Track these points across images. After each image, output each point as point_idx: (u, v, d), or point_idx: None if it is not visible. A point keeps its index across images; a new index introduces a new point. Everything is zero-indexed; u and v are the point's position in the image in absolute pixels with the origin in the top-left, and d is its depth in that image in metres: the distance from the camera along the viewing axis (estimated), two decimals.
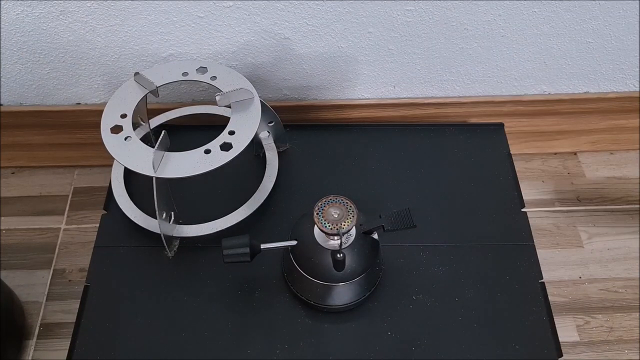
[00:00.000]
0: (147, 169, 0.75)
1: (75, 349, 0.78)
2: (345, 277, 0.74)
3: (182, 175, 0.75)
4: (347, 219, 0.70)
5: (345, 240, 0.73)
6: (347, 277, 0.74)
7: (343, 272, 0.73)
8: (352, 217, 0.70)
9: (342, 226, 0.69)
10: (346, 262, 0.71)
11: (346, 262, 0.71)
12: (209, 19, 0.91)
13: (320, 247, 0.73)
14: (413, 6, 0.91)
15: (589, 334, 1.00)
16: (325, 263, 0.73)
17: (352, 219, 0.70)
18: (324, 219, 0.70)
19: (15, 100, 1.05)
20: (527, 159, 1.21)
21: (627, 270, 1.07)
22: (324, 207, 0.71)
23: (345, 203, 0.71)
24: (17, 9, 0.89)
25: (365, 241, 0.75)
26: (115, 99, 0.82)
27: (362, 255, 0.75)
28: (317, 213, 0.70)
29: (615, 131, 1.18)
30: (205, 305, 0.81)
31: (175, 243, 0.86)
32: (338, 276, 0.74)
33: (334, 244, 0.72)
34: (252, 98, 0.81)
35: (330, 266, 0.72)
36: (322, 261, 0.73)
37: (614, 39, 0.99)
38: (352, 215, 0.70)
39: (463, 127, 1.01)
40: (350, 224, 0.70)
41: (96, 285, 0.83)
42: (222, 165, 0.75)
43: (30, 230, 1.11)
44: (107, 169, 0.92)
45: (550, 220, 1.13)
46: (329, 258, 0.72)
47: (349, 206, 0.71)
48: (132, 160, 0.76)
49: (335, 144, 0.98)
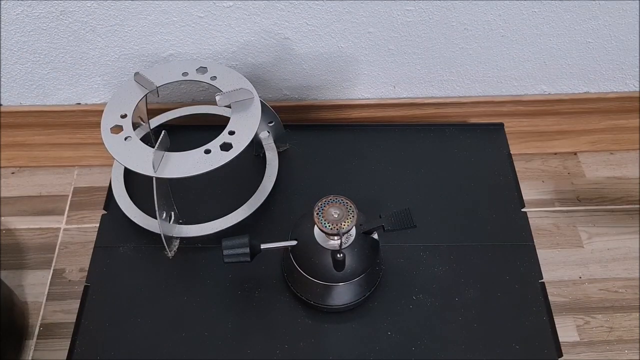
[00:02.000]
0: (147, 169, 0.75)
1: (75, 349, 0.78)
2: (345, 277, 0.74)
3: (182, 175, 0.75)
4: (347, 219, 0.70)
5: (345, 241, 0.73)
6: (347, 277, 0.74)
7: (343, 272, 0.73)
8: (352, 217, 0.70)
9: (342, 226, 0.69)
10: (346, 262, 0.71)
11: (346, 262, 0.71)
12: (209, 19, 0.91)
13: (320, 247, 0.73)
14: (413, 6, 0.91)
15: (589, 334, 1.00)
16: (326, 263, 0.73)
17: (352, 219, 0.70)
18: (324, 219, 0.70)
19: (15, 100, 1.05)
20: (527, 159, 1.21)
21: (627, 270, 1.07)
22: (324, 207, 0.71)
23: (345, 203, 0.71)
24: (17, 9, 0.89)
25: (365, 241, 0.75)
26: (115, 98, 0.82)
27: (362, 255, 0.75)
28: (317, 213, 0.70)
29: (615, 131, 1.18)
30: (205, 305, 0.81)
31: (175, 243, 0.86)
32: (338, 276, 0.73)
33: (334, 244, 0.72)
34: (252, 98, 0.81)
35: (331, 266, 0.72)
36: (322, 261, 0.73)
37: (614, 39, 0.99)
38: (352, 215, 0.70)
39: (463, 127, 1.01)
40: (350, 224, 0.70)
41: (96, 285, 0.83)
42: (222, 165, 0.75)
43: (30, 230, 1.11)
44: (107, 169, 0.92)
45: (550, 220, 1.13)
46: (329, 258, 0.72)
47: (349, 206, 0.71)
48: (132, 160, 0.76)
49: (335, 144, 0.98)
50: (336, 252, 0.71)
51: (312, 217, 0.71)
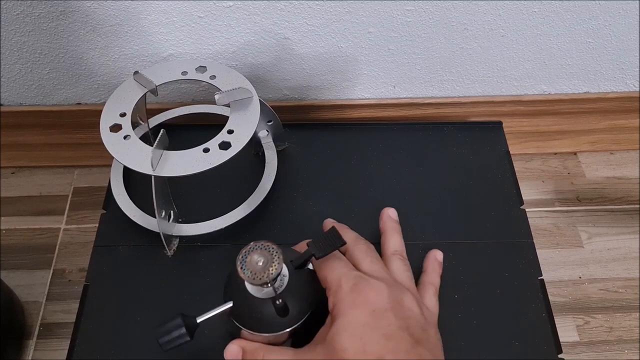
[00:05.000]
0: (146, 167, 0.75)
1: (75, 349, 0.77)
2: (294, 318, 0.69)
3: (181, 174, 0.75)
4: (273, 263, 0.64)
5: (281, 283, 0.68)
6: (296, 317, 0.69)
7: (290, 315, 0.68)
8: (277, 258, 0.64)
9: (270, 272, 0.64)
10: (289, 304, 0.67)
11: (289, 304, 0.67)
12: (209, 19, 0.92)
13: (258, 300, 0.67)
14: (413, 6, 0.91)
15: (589, 334, 1.00)
16: (269, 312, 0.67)
17: (279, 261, 0.64)
18: (249, 271, 0.64)
19: (15, 100, 1.05)
20: (527, 159, 1.21)
21: (627, 270, 1.07)
22: (246, 258, 0.65)
23: (266, 247, 0.66)
24: (17, 9, 0.89)
25: (302, 275, 0.70)
26: (114, 97, 0.82)
27: (303, 290, 0.70)
28: (241, 267, 0.65)
29: (615, 131, 1.18)
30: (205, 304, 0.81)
31: (175, 242, 0.86)
32: (286, 321, 0.68)
33: (269, 291, 0.67)
34: (251, 97, 0.81)
35: (275, 315, 0.67)
36: (265, 312, 0.68)
37: (614, 39, 0.99)
38: (277, 257, 0.65)
39: (461, 125, 1.01)
40: (277, 267, 0.64)
41: (96, 285, 0.83)
42: (221, 164, 0.75)
43: (30, 230, 1.11)
44: (107, 169, 0.92)
45: (550, 220, 1.13)
46: (271, 307, 0.67)
47: (271, 248, 0.65)
48: (131, 158, 0.76)
49: (334, 143, 0.98)
50: (275, 299, 0.66)
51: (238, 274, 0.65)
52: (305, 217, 0.89)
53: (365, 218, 0.88)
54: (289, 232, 0.87)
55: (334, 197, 0.91)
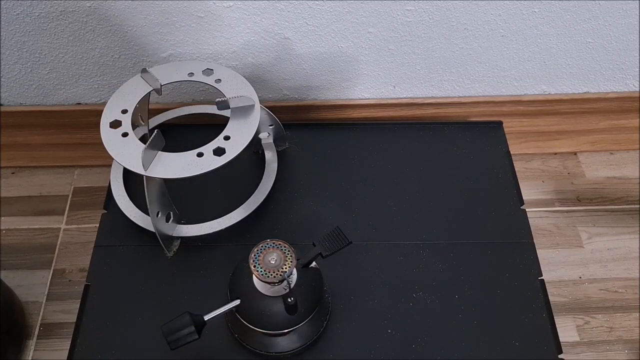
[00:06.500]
0: (138, 166, 0.74)
1: (75, 349, 0.78)
2: (300, 317, 0.71)
3: (172, 177, 0.74)
4: (287, 261, 0.65)
5: (291, 281, 0.69)
6: (302, 317, 0.71)
7: (297, 313, 0.69)
8: (290, 256, 0.66)
9: (284, 270, 0.65)
10: (298, 301, 0.68)
11: (298, 301, 0.68)
12: (209, 19, 0.92)
13: (267, 297, 0.69)
14: (413, 6, 0.91)
15: (589, 334, 1.00)
16: (277, 311, 0.69)
17: (292, 258, 0.66)
18: (263, 269, 0.65)
19: (15, 100, 1.05)
20: (527, 159, 1.21)
21: (627, 270, 1.07)
22: (259, 257, 0.66)
23: (278, 245, 0.67)
24: (17, 9, 0.89)
25: (309, 274, 0.71)
26: (119, 93, 0.82)
27: (311, 289, 0.71)
28: (254, 266, 0.66)
29: (615, 131, 1.18)
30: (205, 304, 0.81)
31: (176, 243, 0.86)
32: (293, 319, 0.70)
33: (279, 289, 0.68)
34: (253, 105, 0.81)
35: (283, 313, 0.68)
36: (274, 310, 0.69)
37: (614, 39, 0.99)
38: (291, 254, 0.66)
39: (462, 125, 1.01)
40: (291, 264, 0.65)
41: (96, 285, 0.83)
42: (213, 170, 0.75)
43: (30, 230, 1.11)
44: (107, 169, 0.92)
45: (550, 220, 1.13)
46: (279, 305, 0.68)
47: (283, 247, 0.67)
48: (126, 156, 0.75)
49: (334, 143, 0.98)
50: (287, 296, 0.67)
51: (246, 271, 0.67)
52: (305, 217, 0.89)
53: (365, 218, 0.88)
54: (289, 232, 0.87)
55: (334, 197, 0.91)
